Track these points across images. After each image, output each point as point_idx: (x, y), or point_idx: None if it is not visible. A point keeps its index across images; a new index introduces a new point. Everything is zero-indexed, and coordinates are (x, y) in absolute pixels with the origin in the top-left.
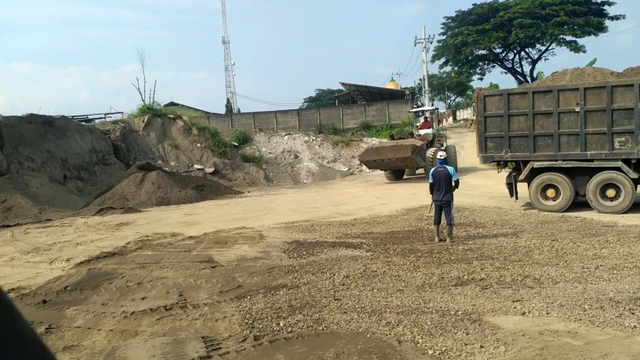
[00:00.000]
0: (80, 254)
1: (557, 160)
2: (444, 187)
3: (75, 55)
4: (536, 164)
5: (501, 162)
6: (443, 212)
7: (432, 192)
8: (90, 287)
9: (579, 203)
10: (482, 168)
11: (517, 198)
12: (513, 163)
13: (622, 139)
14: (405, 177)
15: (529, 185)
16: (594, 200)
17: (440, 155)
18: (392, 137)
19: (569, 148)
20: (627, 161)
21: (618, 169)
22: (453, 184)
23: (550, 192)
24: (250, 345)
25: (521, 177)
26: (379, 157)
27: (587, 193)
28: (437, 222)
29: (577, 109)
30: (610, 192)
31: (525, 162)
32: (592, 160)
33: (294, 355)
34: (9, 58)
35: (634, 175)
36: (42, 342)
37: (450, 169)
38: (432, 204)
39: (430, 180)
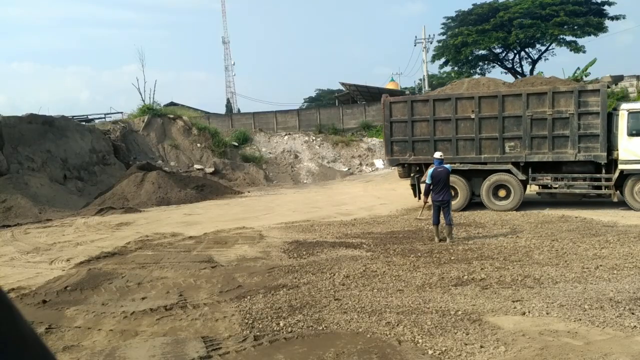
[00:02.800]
0: (80, 254)
1: (455, 163)
2: (444, 187)
3: (75, 55)
4: None
5: (405, 165)
6: (442, 213)
7: (427, 193)
8: (90, 287)
9: (476, 203)
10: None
11: (420, 198)
12: (417, 165)
13: (512, 143)
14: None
15: None
16: (487, 199)
17: (439, 156)
18: None
19: (466, 152)
20: (516, 164)
21: (508, 171)
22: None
23: None
24: (250, 345)
25: (423, 178)
26: None
27: (481, 193)
28: (437, 222)
29: (473, 116)
30: (502, 192)
31: (427, 165)
32: (485, 163)
33: (294, 355)
34: (10, 58)
35: (522, 177)
36: (42, 342)
37: (449, 167)
38: (424, 206)
39: (428, 181)
